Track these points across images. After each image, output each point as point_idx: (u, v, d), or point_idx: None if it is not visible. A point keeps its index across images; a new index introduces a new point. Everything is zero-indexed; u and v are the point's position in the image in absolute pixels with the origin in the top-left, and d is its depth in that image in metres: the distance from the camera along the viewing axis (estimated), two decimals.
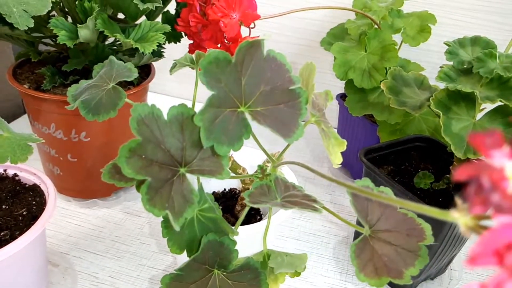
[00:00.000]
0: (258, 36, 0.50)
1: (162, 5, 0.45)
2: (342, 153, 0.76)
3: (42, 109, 0.54)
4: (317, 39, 0.83)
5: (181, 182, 0.26)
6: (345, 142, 0.33)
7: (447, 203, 0.50)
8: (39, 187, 0.46)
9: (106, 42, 0.56)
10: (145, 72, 0.61)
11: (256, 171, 0.35)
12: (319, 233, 0.62)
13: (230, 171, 0.28)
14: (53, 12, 0.54)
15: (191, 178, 0.28)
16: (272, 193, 0.31)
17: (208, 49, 0.29)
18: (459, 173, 0.11)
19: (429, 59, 0.79)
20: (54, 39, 0.56)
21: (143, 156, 0.25)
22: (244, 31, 0.49)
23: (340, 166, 0.75)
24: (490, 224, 0.15)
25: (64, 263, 0.53)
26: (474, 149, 0.41)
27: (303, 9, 0.59)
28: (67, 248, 0.55)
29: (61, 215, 0.60)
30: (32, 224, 0.40)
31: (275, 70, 0.30)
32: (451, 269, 0.57)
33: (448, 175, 0.52)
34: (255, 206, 0.29)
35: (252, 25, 0.49)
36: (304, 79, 0.31)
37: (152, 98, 0.62)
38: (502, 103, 0.43)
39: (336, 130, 0.78)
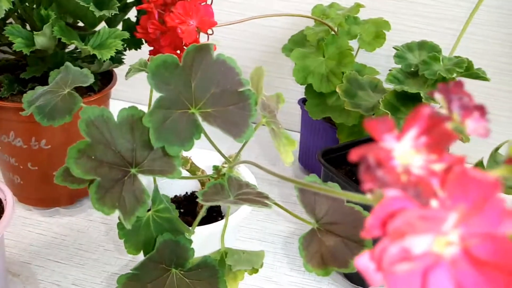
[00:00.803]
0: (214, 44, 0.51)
1: (119, 13, 0.46)
2: (305, 156, 0.78)
3: (0, 117, 0.53)
4: (279, 46, 0.85)
5: (131, 182, 0.27)
6: (296, 142, 0.35)
7: None
8: None
9: (67, 50, 0.57)
10: (107, 79, 0.61)
11: (212, 172, 0.36)
12: (283, 234, 0.63)
13: (181, 171, 0.29)
14: (10, 20, 0.54)
15: (147, 180, 0.29)
16: (225, 192, 0.32)
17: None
18: (352, 154, 0.13)
19: (384, 63, 0.82)
20: (11, 47, 0.55)
21: (93, 157, 0.25)
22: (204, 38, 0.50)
23: (303, 168, 0.76)
24: None
25: (25, 272, 0.52)
26: None
27: (263, 16, 0.60)
28: (28, 258, 0.54)
29: (22, 224, 0.59)
30: None
31: (225, 73, 0.31)
32: None
33: None
34: (208, 204, 0.30)
35: (210, 32, 0.50)
36: (254, 82, 0.33)
37: (117, 105, 0.62)
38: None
39: (299, 134, 0.80)
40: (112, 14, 0.44)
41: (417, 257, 0.11)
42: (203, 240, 0.34)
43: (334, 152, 0.57)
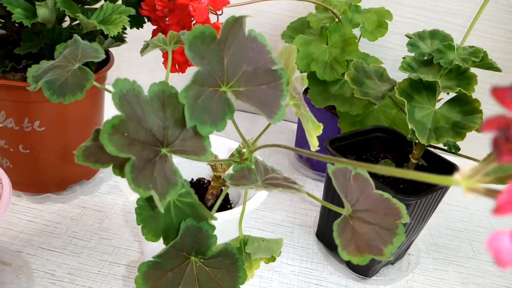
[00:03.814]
0: None
1: None
2: (302, 146, 0.77)
3: None
4: (276, 33, 0.84)
5: (163, 162, 0.25)
6: (321, 126, 0.34)
7: (408, 189, 0.52)
8: None
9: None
10: (103, 60, 0.58)
11: (232, 156, 0.34)
12: (283, 223, 0.62)
13: (212, 152, 0.28)
14: None
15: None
16: (253, 176, 0.30)
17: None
18: (486, 126, 0.12)
19: (383, 54, 0.82)
20: (2, 20, 0.52)
21: (126, 134, 0.23)
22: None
23: (299, 158, 0.75)
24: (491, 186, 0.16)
25: (17, 261, 0.49)
26: (436, 136, 0.43)
27: None
28: (19, 246, 0.51)
29: (11, 211, 0.56)
30: None
31: (257, 51, 0.29)
32: (409, 254, 0.60)
33: (407, 164, 0.54)
34: (237, 188, 0.29)
35: (220, 12, 0.48)
36: (284, 61, 0.31)
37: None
38: (459, 93, 0.45)
39: (296, 123, 0.79)
40: None
41: None
42: (219, 227, 0.32)
43: (340, 141, 0.56)
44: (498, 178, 0.17)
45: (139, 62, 0.93)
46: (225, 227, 0.39)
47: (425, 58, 0.48)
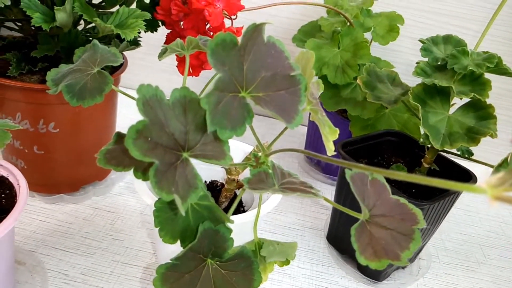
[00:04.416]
0: (242, 27, 0.49)
1: None
2: (312, 149, 0.77)
3: (6, 97, 0.50)
4: (287, 36, 0.84)
5: (184, 166, 0.26)
6: (337, 131, 0.34)
7: (420, 194, 0.52)
8: (7, 179, 0.43)
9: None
10: None
11: (248, 159, 0.34)
12: (294, 226, 0.63)
13: (231, 157, 0.28)
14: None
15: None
16: (270, 180, 0.31)
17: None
18: None
19: (395, 58, 0.82)
20: (19, 24, 0.52)
21: (149, 139, 0.24)
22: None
23: (309, 161, 0.76)
24: None
25: (31, 261, 0.50)
26: (450, 141, 0.43)
27: (283, 3, 0.59)
28: (33, 246, 0.52)
29: (25, 211, 0.57)
30: (3, 218, 0.37)
31: (275, 57, 0.29)
32: (420, 259, 0.60)
33: (419, 168, 0.54)
34: (255, 192, 0.29)
35: (234, 17, 0.49)
36: (302, 66, 0.32)
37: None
38: (473, 98, 0.45)
39: (306, 126, 0.79)
40: None
41: None
42: (234, 230, 0.33)
43: (351, 145, 0.56)
44: None
45: (151, 64, 0.93)
46: (239, 229, 0.39)
47: (439, 63, 0.48)
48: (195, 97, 0.27)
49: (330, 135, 0.33)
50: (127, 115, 0.59)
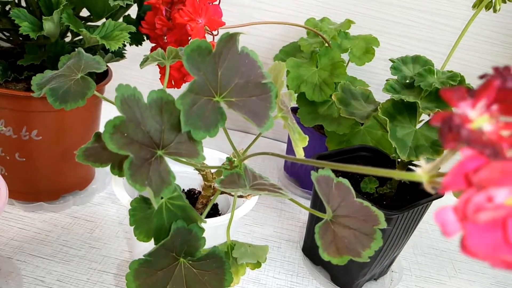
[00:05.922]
0: None
1: (132, 3, 0.46)
2: (291, 164, 0.79)
3: None
4: (269, 56, 0.87)
5: (158, 163, 0.27)
6: (307, 138, 0.36)
7: (391, 205, 0.54)
8: None
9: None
10: (102, 74, 0.60)
11: (224, 163, 0.36)
12: (271, 238, 0.64)
13: (204, 156, 0.30)
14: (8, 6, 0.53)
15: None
16: (241, 181, 0.32)
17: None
18: (434, 119, 0.14)
19: (370, 79, 0.86)
20: (7, 34, 0.54)
21: (125, 134, 0.25)
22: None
23: (288, 176, 0.78)
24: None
25: (7, 267, 0.50)
26: (416, 153, 0.46)
27: (263, 22, 0.62)
28: (10, 252, 0.52)
29: (3, 218, 0.57)
30: None
31: (249, 65, 0.32)
32: (392, 271, 0.61)
33: (390, 181, 0.56)
34: (226, 191, 0.31)
35: (215, 32, 0.51)
36: (273, 76, 0.34)
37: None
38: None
39: (286, 143, 0.81)
40: (126, 4, 0.44)
41: (499, 206, 0.12)
42: (208, 233, 0.34)
43: (326, 158, 0.59)
44: None
45: (136, 79, 0.95)
46: (213, 233, 0.41)
47: (407, 81, 0.51)
48: (171, 99, 0.29)
49: (299, 141, 0.35)
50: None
